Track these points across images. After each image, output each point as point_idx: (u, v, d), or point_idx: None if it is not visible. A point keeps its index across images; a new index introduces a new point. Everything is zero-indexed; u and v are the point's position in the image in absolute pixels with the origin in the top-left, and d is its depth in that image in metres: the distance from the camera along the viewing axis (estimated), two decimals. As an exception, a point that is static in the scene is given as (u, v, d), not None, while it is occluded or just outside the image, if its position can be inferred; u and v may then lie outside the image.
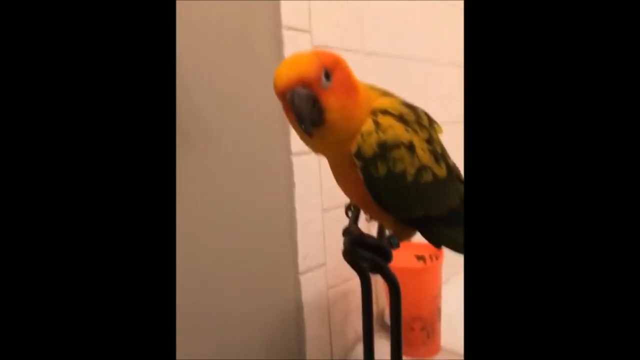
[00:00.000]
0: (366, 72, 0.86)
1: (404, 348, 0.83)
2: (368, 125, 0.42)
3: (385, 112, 0.43)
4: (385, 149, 0.41)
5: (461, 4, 1.16)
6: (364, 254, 0.46)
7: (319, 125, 0.40)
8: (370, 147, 0.41)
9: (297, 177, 0.75)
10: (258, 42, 0.69)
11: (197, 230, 0.60)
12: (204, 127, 0.61)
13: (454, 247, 0.51)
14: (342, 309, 0.86)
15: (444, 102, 1.11)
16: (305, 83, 0.38)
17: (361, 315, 0.53)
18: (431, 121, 0.48)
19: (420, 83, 1.03)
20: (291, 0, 0.72)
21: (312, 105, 0.39)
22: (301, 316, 0.78)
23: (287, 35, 0.71)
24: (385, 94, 0.47)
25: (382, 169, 0.42)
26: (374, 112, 0.43)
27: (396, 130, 0.42)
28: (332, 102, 0.39)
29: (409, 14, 0.98)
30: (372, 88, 0.47)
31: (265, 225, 0.73)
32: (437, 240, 0.50)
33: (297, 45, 0.72)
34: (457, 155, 0.52)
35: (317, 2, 0.76)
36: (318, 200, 0.80)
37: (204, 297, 0.63)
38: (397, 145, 0.42)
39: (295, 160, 0.74)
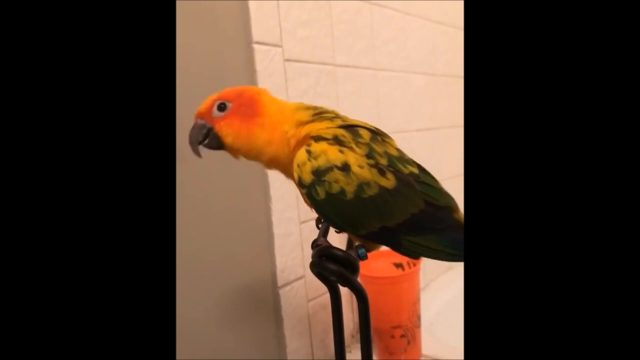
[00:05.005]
0: (337, 83, 0.88)
1: (385, 356, 0.84)
2: (302, 155, 0.46)
3: (318, 138, 0.46)
4: (319, 174, 0.45)
5: (430, 17, 1.19)
6: (331, 267, 0.47)
7: (222, 148, 0.49)
8: (307, 175, 0.45)
9: (273, 191, 0.75)
10: (229, 58, 0.69)
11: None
12: (177, 145, 0.61)
13: (430, 254, 0.51)
14: (322, 320, 0.86)
15: (413, 110, 1.14)
16: (200, 116, 0.48)
17: (332, 327, 0.54)
18: (376, 135, 0.49)
19: (389, 92, 1.05)
20: (262, 16, 0.72)
21: (202, 133, 0.48)
22: (281, 329, 0.78)
23: (258, 50, 0.71)
24: (322, 115, 0.49)
25: (321, 193, 0.45)
26: (307, 140, 0.46)
27: (328, 155, 0.45)
28: (223, 128, 0.48)
29: (378, 26, 1.00)
30: (307, 107, 0.50)
31: (243, 239, 0.72)
32: (409, 251, 0.50)
33: (268, 60, 0.73)
34: (417, 159, 0.52)
35: (288, 16, 0.77)
36: (295, 212, 0.80)
37: (182, 313, 0.62)
38: (330, 168, 0.45)
39: (271, 173, 0.74)
